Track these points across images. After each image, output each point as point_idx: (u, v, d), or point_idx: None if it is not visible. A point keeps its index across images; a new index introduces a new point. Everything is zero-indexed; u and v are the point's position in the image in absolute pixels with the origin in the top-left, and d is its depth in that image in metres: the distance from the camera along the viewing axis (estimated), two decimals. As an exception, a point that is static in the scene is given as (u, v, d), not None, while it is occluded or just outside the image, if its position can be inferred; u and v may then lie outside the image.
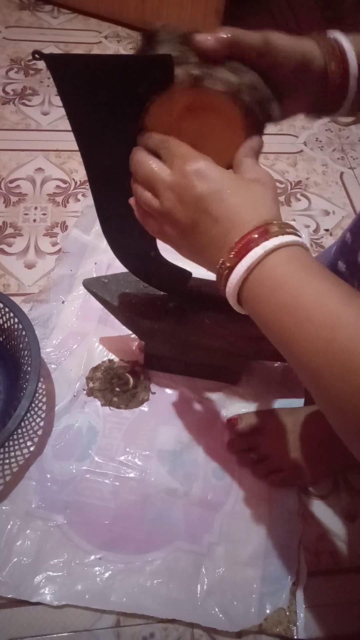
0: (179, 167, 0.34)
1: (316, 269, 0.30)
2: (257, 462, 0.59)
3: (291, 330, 0.29)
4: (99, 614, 0.50)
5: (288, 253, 0.31)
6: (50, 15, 1.19)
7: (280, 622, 0.51)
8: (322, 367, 0.28)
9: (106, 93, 0.36)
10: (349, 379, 0.26)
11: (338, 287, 0.29)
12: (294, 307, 0.29)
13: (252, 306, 0.32)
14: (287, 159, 0.96)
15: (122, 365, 0.66)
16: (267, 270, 0.31)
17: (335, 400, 0.28)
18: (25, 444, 0.59)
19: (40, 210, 0.83)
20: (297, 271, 0.30)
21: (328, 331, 0.27)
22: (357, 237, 0.46)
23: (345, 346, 0.26)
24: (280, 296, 0.30)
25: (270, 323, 0.31)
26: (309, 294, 0.29)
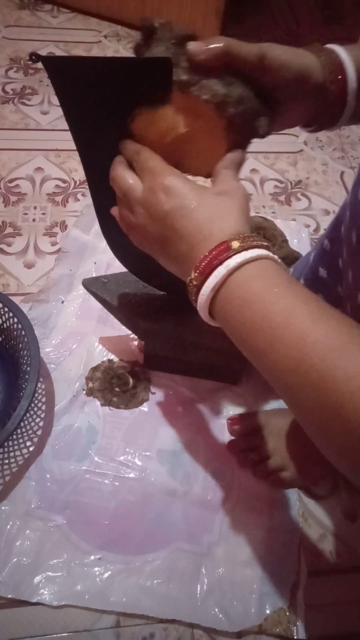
0: (148, 183, 0.34)
1: (284, 284, 0.30)
2: (257, 462, 0.59)
3: (262, 348, 0.29)
4: (99, 614, 0.50)
5: (254, 269, 0.30)
6: (49, 14, 1.19)
7: (280, 622, 0.51)
8: (294, 385, 0.27)
9: (104, 95, 0.36)
10: (319, 398, 0.26)
11: (307, 304, 0.28)
12: (263, 326, 0.29)
13: (222, 323, 0.32)
14: (287, 159, 0.96)
15: (122, 365, 0.66)
16: (233, 289, 0.30)
17: (308, 416, 0.28)
18: (24, 444, 0.59)
19: (40, 210, 0.83)
20: (264, 288, 0.29)
21: (298, 351, 0.27)
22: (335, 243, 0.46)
23: (315, 365, 0.26)
24: (249, 314, 0.29)
25: (241, 340, 0.31)
26: (277, 313, 0.28)
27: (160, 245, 0.35)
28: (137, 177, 0.35)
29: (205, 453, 0.61)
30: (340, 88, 0.37)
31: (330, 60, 0.37)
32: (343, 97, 0.37)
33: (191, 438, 0.62)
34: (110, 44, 1.14)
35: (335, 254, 0.46)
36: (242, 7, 1.24)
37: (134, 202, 0.35)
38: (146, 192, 0.34)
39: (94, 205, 0.46)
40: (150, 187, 0.34)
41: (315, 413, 0.27)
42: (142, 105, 0.36)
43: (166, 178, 0.33)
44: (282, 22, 1.28)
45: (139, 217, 0.35)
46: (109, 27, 1.18)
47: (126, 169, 0.36)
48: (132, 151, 0.36)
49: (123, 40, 1.16)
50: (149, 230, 0.35)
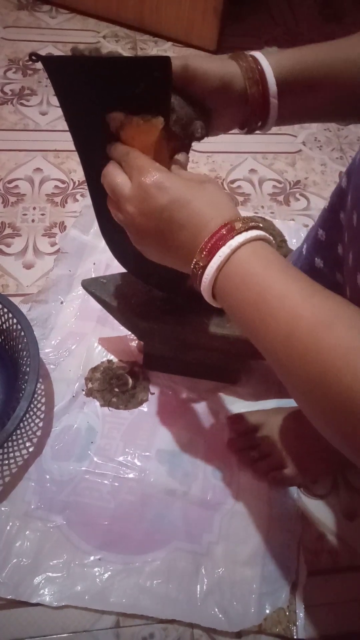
0: (137, 180, 0.35)
1: (278, 264, 0.32)
2: (257, 460, 0.59)
3: (257, 324, 0.31)
4: (99, 615, 0.50)
5: (252, 248, 0.33)
6: (48, 15, 1.19)
7: (279, 621, 0.51)
8: (284, 359, 0.30)
9: (104, 94, 0.36)
10: (307, 370, 0.28)
11: (299, 282, 0.31)
12: (258, 303, 0.31)
13: (223, 301, 0.34)
14: (285, 159, 0.96)
15: (121, 366, 0.66)
16: (234, 267, 0.33)
17: (297, 388, 0.30)
18: (24, 445, 0.59)
19: (39, 211, 0.83)
20: (261, 267, 0.32)
21: (288, 326, 0.29)
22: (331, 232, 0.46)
23: (303, 340, 0.28)
24: (246, 292, 0.32)
25: (238, 317, 0.33)
26: (271, 290, 0.31)
27: (153, 239, 0.36)
28: (126, 176, 0.36)
29: (204, 453, 0.61)
30: (261, 92, 0.40)
31: (250, 67, 0.39)
32: (265, 100, 0.40)
33: (190, 438, 0.62)
34: (108, 45, 1.14)
35: (332, 242, 0.46)
36: (241, 6, 1.24)
37: (122, 200, 0.36)
38: (135, 190, 0.35)
39: (93, 205, 0.46)
40: (140, 184, 0.35)
41: (302, 381, 0.29)
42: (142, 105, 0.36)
43: (156, 174, 0.35)
44: (281, 21, 1.28)
45: (127, 214, 0.36)
46: (107, 27, 1.18)
47: (116, 167, 0.37)
48: (120, 152, 0.38)
49: (122, 40, 1.16)
50: (140, 226, 0.36)
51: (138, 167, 0.35)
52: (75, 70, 0.36)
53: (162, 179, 0.35)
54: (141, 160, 0.36)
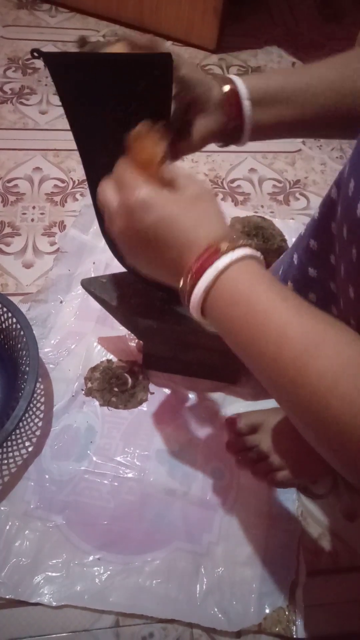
0: (124, 198, 0.35)
1: (266, 282, 0.32)
2: (256, 461, 0.59)
3: (246, 344, 0.31)
4: (98, 614, 0.50)
5: (239, 268, 0.32)
6: (48, 14, 1.19)
7: (279, 621, 0.51)
8: (275, 378, 0.30)
9: (105, 91, 0.36)
10: (296, 392, 0.28)
11: (286, 301, 0.31)
12: (246, 322, 0.31)
13: (213, 323, 0.34)
14: (285, 158, 0.96)
15: (121, 366, 0.66)
16: (221, 287, 0.33)
17: (289, 407, 0.30)
18: (23, 445, 0.59)
19: (39, 210, 0.82)
20: (249, 287, 0.32)
21: (277, 346, 0.29)
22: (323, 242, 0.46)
23: (291, 362, 0.28)
24: (235, 313, 0.32)
25: (228, 335, 0.33)
26: (259, 309, 0.31)
27: (145, 256, 0.37)
28: (115, 192, 0.36)
29: (204, 453, 0.61)
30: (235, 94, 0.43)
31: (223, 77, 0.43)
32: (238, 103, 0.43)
33: (190, 438, 0.62)
34: (108, 44, 1.13)
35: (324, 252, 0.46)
36: (241, 6, 1.24)
37: (112, 216, 0.36)
38: (121, 208, 0.35)
39: (93, 204, 0.46)
40: (125, 202, 0.34)
41: (293, 402, 0.29)
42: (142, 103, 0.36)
43: (140, 192, 0.34)
44: (281, 21, 1.28)
45: (116, 230, 0.36)
46: (107, 26, 1.18)
47: (109, 182, 0.37)
48: (115, 167, 0.38)
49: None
50: (128, 243, 0.36)
51: (124, 185, 0.35)
52: (77, 67, 0.36)
53: (147, 198, 0.34)
54: (127, 177, 0.35)
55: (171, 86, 0.36)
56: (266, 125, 0.44)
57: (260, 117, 0.44)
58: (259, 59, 1.16)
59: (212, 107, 0.43)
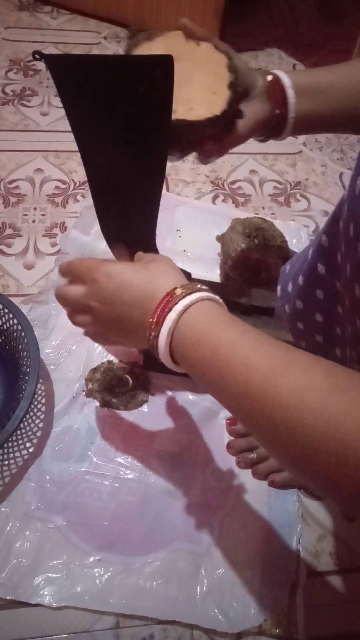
0: (90, 277, 0.40)
1: (225, 320, 0.34)
2: (256, 462, 0.59)
3: (215, 379, 0.32)
4: (98, 615, 0.50)
5: (197, 309, 0.35)
6: (49, 15, 1.19)
7: (279, 622, 0.51)
8: (247, 409, 0.30)
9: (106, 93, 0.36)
10: (269, 417, 0.29)
11: (247, 334, 0.32)
12: (213, 359, 0.32)
13: (182, 364, 0.36)
14: (286, 160, 0.96)
15: (121, 367, 0.66)
16: (184, 329, 0.35)
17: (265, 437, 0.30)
18: (24, 445, 0.59)
19: (40, 211, 0.83)
20: (209, 325, 0.34)
21: (244, 377, 0.30)
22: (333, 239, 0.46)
23: (260, 388, 0.29)
24: (200, 351, 0.33)
25: (198, 376, 0.35)
26: (222, 345, 0.32)
27: (118, 326, 0.40)
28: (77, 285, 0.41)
29: (204, 453, 0.61)
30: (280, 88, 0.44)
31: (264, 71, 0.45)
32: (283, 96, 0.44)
33: (190, 439, 0.62)
34: (109, 45, 1.14)
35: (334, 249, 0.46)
36: (241, 6, 1.24)
37: (83, 302, 0.40)
38: (89, 286, 0.40)
39: (94, 205, 0.46)
40: (92, 280, 0.39)
41: (268, 429, 0.29)
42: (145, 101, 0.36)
43: (103, 266, 0.39)
44: (281, 22, 1.28)
45: (91, 311, 0.40)
46: (108, 28, 1.18)
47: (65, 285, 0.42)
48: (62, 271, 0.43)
49: (122, 41, 1.15)
50: (103, 317, 0.40)
51: (85, 269, 0.40)
52: (78, 69, 0.36)
53: (109, 269, 0.39)
54: (85, 263, 0.40)
55: (172, 88, 0.36)
56: (309, 116, 0.45)
57: (304, 108, 0.44)
58: (260, 60, 1.16)
59: (257, 96, 0.44)
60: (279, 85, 0.44)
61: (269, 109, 0.45)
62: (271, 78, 0.44)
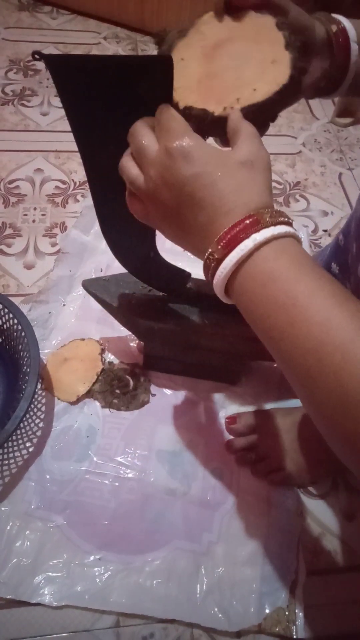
0: (164, 144, 0.31)
1: (308, 265, 0.29)
2: (256, 461, 0.59)
3: (283, 327, 0.28)
4: (99, 614, 0.51)
5: (280, 246, 0.29)
6: (49, 16, 1.20)
7: (279, 621, 0.51)
8: (313, 366, 0.27)
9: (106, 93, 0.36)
10: (340, 380, 0.26)
11: (331, 286, 0.28)
12: (286, 304, 0.28)
13: (240, 299, 0.31)
14: (285, 160, 0.97)
15: (122, 367, 0.66)
16: (257, 264, 0.29)
17: (324, 401, 0.27)
18: (24, 445, 0.59)
19: (40, 211, 0.83)
20: (290, 266, 0.29)
21: (322, 331, 0.26)
22: (348, 239, 0.46)
23: (340, 347, 0.26)
24: (272, 292, 0.29)
25: (260, 318, 0.30)
26: (302, 292, 0.28)
27: (169, 215, 0.33)
28: (154, 137, 0.33)
29: (204, 453, 0.61)
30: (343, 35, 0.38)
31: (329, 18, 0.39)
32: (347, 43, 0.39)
33: (190, 438, 0.62)
34: (109, 46, 1.14)
35: (346, 249, 0.46)
36: (241, 8, 1.24)
37: (145, 163, 0.32)
38: (161, 154, 0.31)
39: (94, 205, 0.46)
40: (167, 149, 0.31)
41: (333, 396, 0.26)
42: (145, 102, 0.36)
43: (185, 140, 0.31)
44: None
45: (148, 180, 0.32)
46: (108, 28, 1.18)
47: (145, 126, 0.33)
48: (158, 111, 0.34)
49: (122, 42, 1.16)
50: (159, 197, 0.32)
51: (168, 130, 0.31)
52: (78, 69, 0.36)
53: (192, 148, 0.30)
54: (174, 122, 0.32)
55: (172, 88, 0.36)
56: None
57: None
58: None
59: (317, 50, 0.39)
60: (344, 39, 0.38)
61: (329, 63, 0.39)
62: (335, 29, 0.39)
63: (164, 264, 0.52)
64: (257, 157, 0.32)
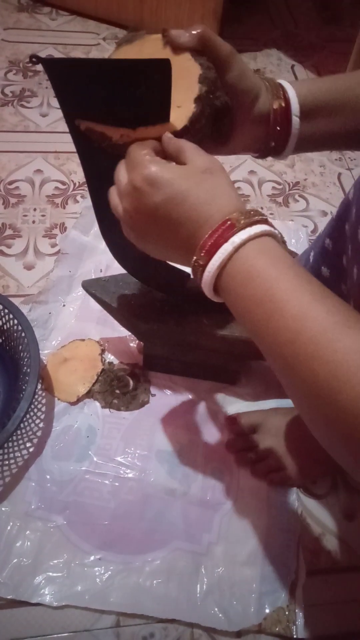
0: (130, 176, 0.34)
1: (286, 263, 0.30)
2: (255, 461, 0.59)
3: (262, 321, 0.30)
4: (99, 614, 0.51)
5: (258, 245, 0.31)
6: (48, 17, 1.20)
7: (279, 621, 0.51)
8: (290, 356, 0.28)
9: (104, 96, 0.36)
10: (314, 371, 0.27)
11: (309, 283, 0.29)
12: (265, 299, 0.30)
13: (227, 298, 0.33)
14: (285, 160, 0.97)
15: (122, 367, 0.66)
16: (237, 265, 0.31)
17: (300, 390, 0.28)
18: (24, 445, 0.59)
19: (40, 212, 0.83)
20: (267, 265, 0.30)
21: (298, 323, 0.28)
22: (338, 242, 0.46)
23: (314, 338, 0.27)
24: (251, 290, 0.30)
25: (243, 314, 0.32)
26: (279, 288, 0.29)
27: (153, 238, 0.35)
28: (125, 171, 0.35)
29: (204, 453, 0.61)
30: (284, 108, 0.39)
31: (274, 84, 0.39)
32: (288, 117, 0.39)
33: (190, 438, 0.62)
34: (109, 47, 1.14)
35: (338, 252, 0.46)
36: (240, 8, 1.25)
37: (120, 196, 0.35)
38: (128, 186, 0.34)
39: (93, 206, 0.46)
40: (132, 180, 0.33)
41: (307, 385, 0.27)
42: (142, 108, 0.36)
43: (146, 168, 0.33)
44: (280, 23, 1.28)
45: (125, 210, 0.35)
46: (107, 29, 1.18)
47: (121, 164, 0.36)
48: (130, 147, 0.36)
49: (122, 42, 1.16)
50: (137, 224, 0.35)
51: (131, 161, 0.34)
52: (76, 73, 0.36)
53: (155, 175, 0.32)
54: (134, 152, 0.34)
55: (170, 91, 0.36)
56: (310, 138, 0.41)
57: (306, 130, 0.40)
58: (259, 61, 1.16)
59: (256, 119, 0.39)
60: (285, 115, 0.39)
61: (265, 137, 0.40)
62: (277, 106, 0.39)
63: (163, 264, 0.52)
64: (213, 163, 0.34)
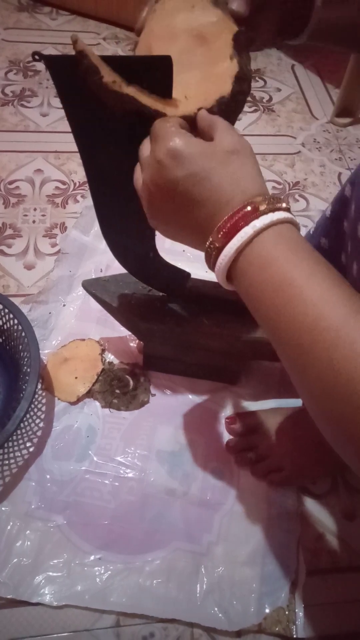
0: (154, 148, 0.32)
1: (306, 250, 0.30)
2: (255, 461, 0.59)
3: (279, 307, 0.29)
4: (99, 614, 0.51)
5: (278, 231, 0.30)
6: (48, 16, 1.20)
7: (279, 621, 0.51)
8: (307, 344, 0.27)
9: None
10: (332, 358, 0.26)
11: (328, 270, 0.29)
12: (283, 285, 0.29)
13: (240, 284, 0.32)
14: (285, 160, 0.97)
15: (122, 367, 0.66)
16: (256, 250, 0.30)
17: (316, 381, 0.27)
18: (24, 445, 0.59)
19: (40, 212, 0.83)
20: (287, 251, 0.30)
21: (317, 310, 0.27)
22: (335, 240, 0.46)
23: (332, 325, 0.26)
24: (269, 275, 0.29)
25: (258, 301, 0.31)
26: (298, 274, 0.29)
27: (169, 214, 0.34)
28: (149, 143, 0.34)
29: (204, 453, 0.61)
30: None
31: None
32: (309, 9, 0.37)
33: (190, 438, 0.62)
34: (109, 46, 1.14)
35: (335, 251, 0.46)
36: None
37: (142, 168, 0.34)
38: (150, 158, 0.33)
39: (94, 205, 0.46)
40: (155, 152, 0.32)
41: (324, 375, 0.26)
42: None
43: (171, 141, 0.31)
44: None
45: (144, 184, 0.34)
46: (107, 29, 1.18)
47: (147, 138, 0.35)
48: None
49: (122, 42, 1.16)
50: (156, 199, 0.33)
51: (155, 134, 0.33)
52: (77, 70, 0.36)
53: (180, 149, 0.31)
54: (160, 125, 0.33)
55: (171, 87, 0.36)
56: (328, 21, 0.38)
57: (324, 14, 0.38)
58: (259, 61, 1.16)
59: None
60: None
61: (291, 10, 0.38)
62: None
63: (164, 264, 0.53)
64: (242, 145, 0.33)
